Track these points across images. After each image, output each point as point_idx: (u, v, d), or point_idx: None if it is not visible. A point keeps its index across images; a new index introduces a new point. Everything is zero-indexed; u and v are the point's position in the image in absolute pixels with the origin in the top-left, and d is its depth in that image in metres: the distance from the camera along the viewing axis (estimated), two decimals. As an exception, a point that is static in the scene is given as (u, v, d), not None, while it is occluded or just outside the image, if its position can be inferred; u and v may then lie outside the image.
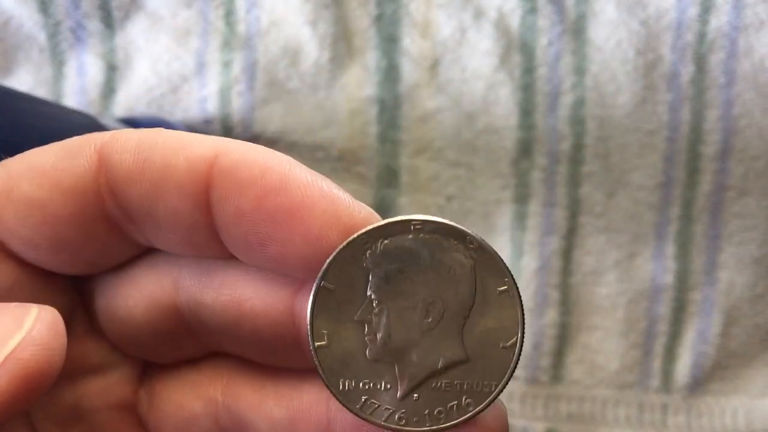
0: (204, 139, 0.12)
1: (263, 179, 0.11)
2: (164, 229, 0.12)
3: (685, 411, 0.39)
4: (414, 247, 0.11)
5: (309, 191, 0.11)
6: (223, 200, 0.11)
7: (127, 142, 0.12)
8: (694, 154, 0.38)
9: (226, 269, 0.13)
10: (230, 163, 0.11)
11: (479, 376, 0.12)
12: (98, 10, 0.39)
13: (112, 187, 0.12)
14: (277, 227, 0.11)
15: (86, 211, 0.12)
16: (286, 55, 0.38)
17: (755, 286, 0.38)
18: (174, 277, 0.13)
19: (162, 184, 0.11)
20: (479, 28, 0.38)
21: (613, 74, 0.37)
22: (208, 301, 0.13)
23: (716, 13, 0.37)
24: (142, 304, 0.13)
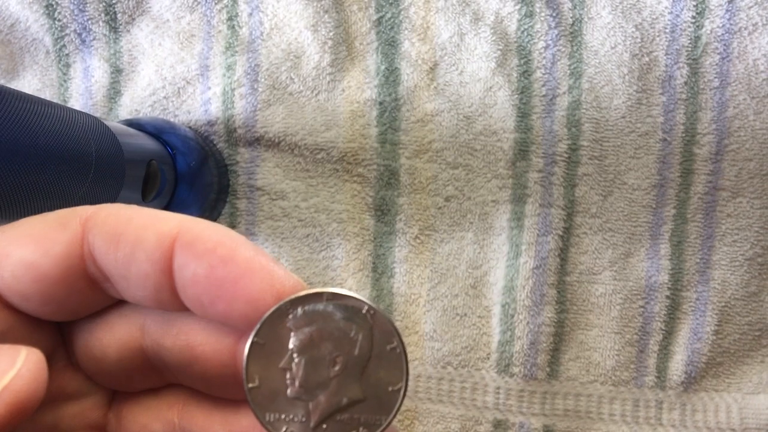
0: (169, 217, 0.14)
1: (214, 252, 0.14)
2: (134, 288, 0.15)
3: (679, 407, 0.39)
4: (326, 313, 0.15)
5: (251, 264, 0.14)
6: (183, 267, 0.14)
7: (107, 218, 0.14)
8: (688, 156, 0.38)
9: (183, 319, 0.16)
10: (190, 238, 0.14)
11: (373, 412, 0.15)
12: (103, 14, 0.39)
13: (93, 255, 0.14)
14: (224, 291, 0.14)
15: (71, 273, 0.14)
16: (288, 58, 0.38)
17: (748, 284, 0.39)
18: (141, 324, 0.16)
19: (134, 253, 0.14)
20: (477, 31, 0.38)
21: (608, 77, 0.38)
22: (168, 344, 0.16)
23: (710, 16, 0.38)
24: (114, 345, 0.16)
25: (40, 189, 0.25)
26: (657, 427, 0.39)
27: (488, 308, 0.39)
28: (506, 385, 0.39)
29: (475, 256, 0.39)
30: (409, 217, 0.39)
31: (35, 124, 0.25)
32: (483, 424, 0.39)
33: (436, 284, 0.39)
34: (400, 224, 0.39)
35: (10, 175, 0.24)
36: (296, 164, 0.38)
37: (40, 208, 0.26)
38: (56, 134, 0.26)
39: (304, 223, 0.39)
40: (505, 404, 0.39)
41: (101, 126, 0.30)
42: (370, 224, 0.39)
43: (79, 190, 0.27)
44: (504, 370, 0.39)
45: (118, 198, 0.30)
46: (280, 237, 0.39)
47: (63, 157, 0.26)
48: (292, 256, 0.39)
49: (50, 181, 0.26)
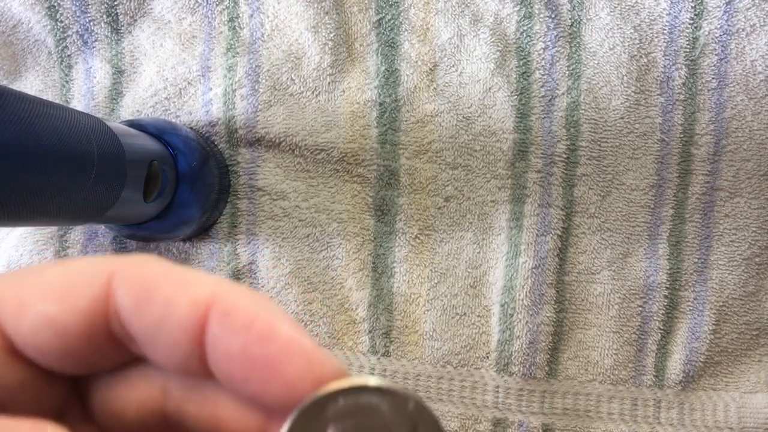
0: (203, 279, 0.14)
1: (252, 327, 0.13)
2: (161, 353, 0.14)
3: (677, 406, 0.39)
4: (369, 406, 0.14)
5: (290, 344, 0.13)
6: (217, 340, 0.13)
7: (136, 276, 0.13)
8: (687, 156, 0.38)
9: (210, 387, 0.15)
10: (225, 308, 0.13)
11: None
12: (105, 16, 0.39)
13: (117, 314, 0.13)
14: (260, 371, 0.13)
15: (94, 330, 0.14)
16: (289, 59, 0.38)
17: (746, 284, 0.39)
18: (163, 386, 0.15)
19: (163, 320, 0.13)
20: (477, 33, 0.38)
21: (607, 78, 0.38)
22: (191, 411, 0.15)
23: (708, 18, 0.38)
24: (134, 404, 0.15)
25: (42, 189, 0.26)
26: (655, 425, 0.39)
27: (487, 308, 0.39)
28: (505, 384, 0.39)
29: (474, 255, 0.39)
30: (409, 217, 0.39)
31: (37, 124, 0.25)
32: (482, 423, 0.39)
33: (435, 284, 0.39)
34: (400, 224, 0.39)
35: (13, 176, 0.24)
36: (297, 165, 0.39)
37: (43, 208, 0.26)
38: (58, 135, 0.26)
39: (304, 223, 0.39)
40: (504, 403, 0.39)
41: (103, 127, 0.30)
42: (370, 224, 0.39)
43: (81, 191, 0.28)
44: (503, 369, 0.39)
45: (120, 198, 0.30)
46: (280, 237, 0.39)
47: (65, 157, 0.26)
48: (293, 256, 0.39)
49: (52, 181, 0.26)
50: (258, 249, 0.39)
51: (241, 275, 0.39)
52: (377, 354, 0.39)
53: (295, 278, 0.39)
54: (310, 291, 0.39)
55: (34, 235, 0.40)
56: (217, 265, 0.39)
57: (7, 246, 0.40)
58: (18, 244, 0.40)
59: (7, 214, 0.24)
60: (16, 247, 0.40)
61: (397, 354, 0.39)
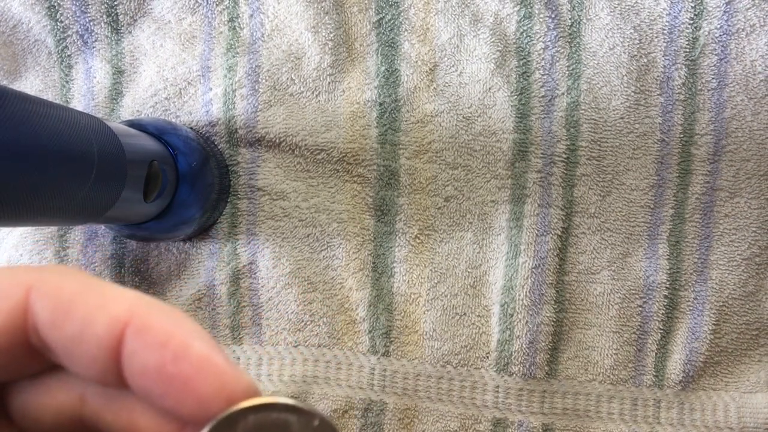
0: (121, 296, 0.14)
1: (167, 346, 0.13)
2: (79, 366, 0.14)
3: (677, 406, 0.39)
4: (277, 422, 0.14)
5: (203, 363, 0.14)
6: (132, 356, 0.14)
7: (53, 291, 0.14)
8: (686, 156, 0.38)
9: (127, 397, 0.15)
10: (141, 325, 0.14)
11: None
12: (105, 16, 0.39)
13: (35, 329, 0.14)
14: (173, 388, 0.14)
15: (13, 342, 0.14)
16: (289, 59, 0.38)
17: (746, 284, 0.39)
18: (80, 394, 0.15)
19: (82, 335, 0.14)
20: (477, 33, 0.38)
21: (607, 78, 0.38)
22: (108, 419, 0.15)
23: (708, 18, 0.38)
24: (52, 410, 0.15)
25: (42, 190, 0.26)
26: (655, 425, 0.39)
27: (487, 307, 0.39)
28: (505, 383, 0.39)
29: (474, 255, 0.39)
30: (409, 217, 0.39)
31: (37, 124, 0.25)
32: (482, 423, 0.39)
33: (435, 284, 0.39)
34: (399, 224, 0.39)
35: (13, 176, 0.24)
36: (297, 165, 0.39)
37: (43, 208, 0.26)
38: (58, 135, 0.26)
39: (304, 223, 0.39)
40: (504, 403, 0.39)
41: (103, 127, 0.30)
42: (370, 224, 0.39)
43: (81, 191, 0.28)
44: (503, 369, 0.39)
45: (120, 198, 0.30)
46: (280, 237, 0.39)
47: (65, 157, 0.26)
48: (293, 256, 0.39)
49: (52, 181, 0.26)
50: (258, 249, 0.39)
51: (241, 275, 0.39)
52: (377, 354, 0.39)
53: (295, 278, 0.39)
54: (310, 291, 0.39)
55: (34, 235, 0.40)
56: (217, 265, 0.39)
57: (7, 246, 0.40)
58: (18, 244, 0.40)
59: (7, 214, 0.24)
60: (16, 247, 0.40)
61: (397, 354, 0.39)
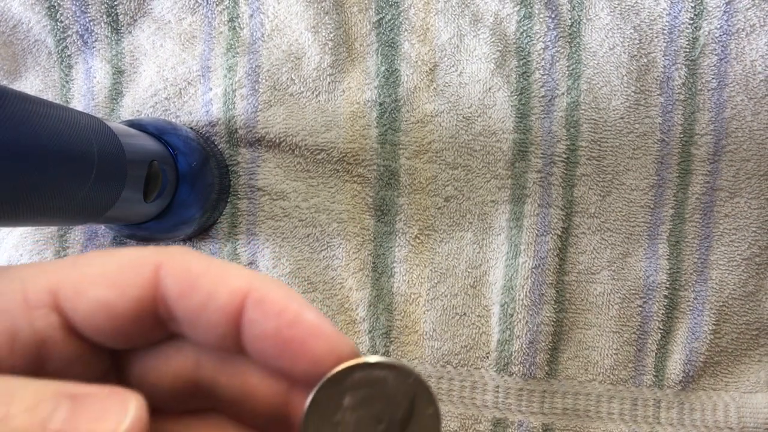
0: (240, 272, 0.16)
1: (282, 315, 0.15)
2: (201, 333, 0.16)
3: (677, 406, 0.39)
4: (378, 378, 0.16)
5: (315, 328, 0.15)
6: (252, 324, 0.15)
7: (178, 266, 0.16)
8: (686, 156, 0.38)
9: (240, 360, 0.17)
10: (260, 296, 0.15)
11: None
12: (105, 16, 0.39)
13: (164, 300, 0.16)
14: (290, 350, 0.15)
15: (142, 313, 0.16)
16: (289, 59, 0.38)
17: (746, 284, 0.39)
18: (196, 359, 0.17)
19: (205, 306, 0.15)
20: (477, 33, 0.38)
21: (607, 78, 0.38)
22: (222, 381, 0.17)
23: (708, 18, 0.38)
24: (169, 375, 0.17)
25: (42, 189, 0.26)
26: (655, 425, 0.39)
27: (487, 307, 0.39)
28: (505, 383, 0.39)
29: (474, 255, 0.39)
30: (409, 217, 0.39)
31: (37, 124, 0.25)
32: (482, 423, 0.39)
33: (435, 284, 0.39)
34: (400, 224, 0.39)
35: (13, 176, 0.24)
36: (297, 165, 0.39)
37: (43, 208, 0.26)
38: (58, 135, 0.26)
39: (304, 223, 0.39)
40: (504, 403, 0.39)
41: (103, 127, 0.30)
42: (370, 224, 0.39)
43: (81, 191, 0.28)
44: (503, 369, 0.39)
45: (120, 198, 0.30)
46: (280, 237, 0.39)
47: (65, 157, 0.26)
48: (293, 256, 0.39)
49: (52, 181, 0.26)
50: (258, 249, 0.39)
51: (241, 275, 0.39)
52: (377, 354, 0.39)
53: (295, 278, 0.39)
54: (310, 291, 0.39)
55: (34, 235, 0.40)
56: (217, 265, 0.39)
57: (7, 246, 0.40)
58: (18, 244, 0.40)
59: (7, 214, 0.24)
60: (16, 247, 0.40)
61: (397, 354, 0.39)
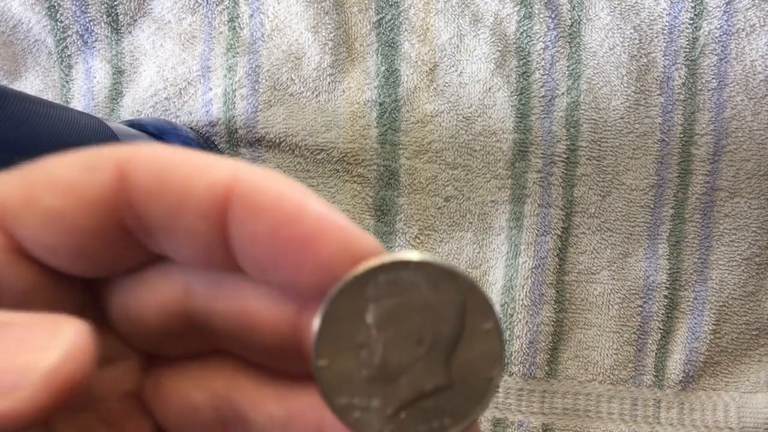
0: (222, 163, 0.12)
1: (279, 208, 0.12)
2: (181, 245, 0.13)
3: (677, 406, 0.39)
4: (411, 284, 0.12)
5: (322, 223, 0.12)
6: (240, 224, 0.12)
7: (147, 160, 0.12)
8: (686, 156, 0.38)
9: (237, 281, 0.13)
10: (248, 188, 0.12)
11: (460, 401, 0.13)
12: (105, 16, 0.39)
13: (131, 204, 0.12)
14: (291, 254, 0.12)
15: (105, 223, 0.12)
16: (289, 59, 0.38)
17: (746, 284, 0.39)
18: (185, 284, 0.13)
19: (181, 205, 0.12)
20: (476, 33, 0.38)
21: (607, 78, 0.38)
22: (217, 309, 0.13)
23: (708, 18, 0.38)
24: (154, 306, 0.14)
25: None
26: (655, 425, 0.39)
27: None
28: (505, 383, 0.39)
29: (474, 255, 0.39)
30: (409, 217, 0.39)
31: (37, 124, 0.25)
32: (482, 423, 0.39)
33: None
34: (400, 224, 0.39)
35: (14, 176, 0.24)
36: (297, 165, 0.39)
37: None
38: (58, 135, 0.26)
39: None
40: (504, 403, 0.39)
41: (103, 127, 0.30)
42: (370, 224, 0.39)
43: (81, 191, 0.28)
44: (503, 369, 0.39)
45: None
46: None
47: (66, 157, 0.26)
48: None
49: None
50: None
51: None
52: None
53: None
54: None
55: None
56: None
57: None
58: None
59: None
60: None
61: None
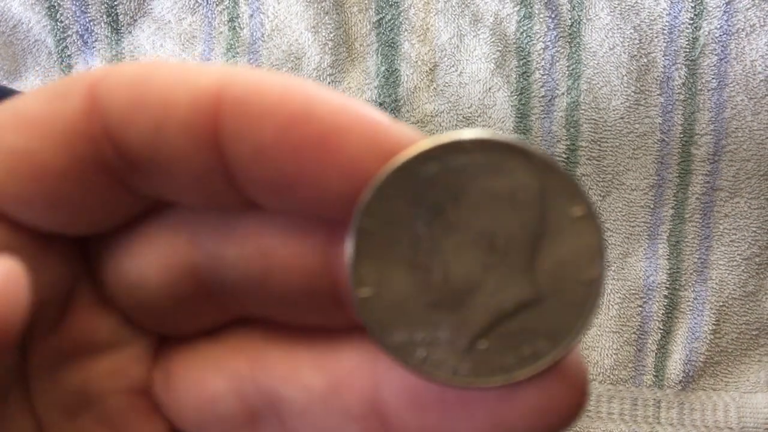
0: (210, 68, 0.10)
1: (283, 107, 0.09)
2: (171, 176, 0.10)
3: (677, 406, 0.39)
4: (468, 171, 0.09)
5: (339, 115, 0.09)
6: (237, 137, 0.10)
7: (121, 77, 0.10)
8: (686, 156, 0.38)
9: (249, 219, 0.11)
10: (241, 92, 0.09)
11: (556, 316, 0.10)
12: (105, 16, 0.39)
13: (107, 131, 0.10)
14: (306, 162, 0.09)
15: (80, 160, 0.10)
16: (289, 59, 0.38)
17: (746, 284, 0.39)
18: (190, 232, 0.11)
19: (162, 122, 0.10)
20: (476, 33, 0.38)
21: (607, 78, 0.38)
22: (230, 256, 0.11)
23: (708, 18, 0.38)
24: (156, 264, 0.11)
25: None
26: (655, 425, 0.39)
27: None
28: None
29: (474, 255, 0.39)
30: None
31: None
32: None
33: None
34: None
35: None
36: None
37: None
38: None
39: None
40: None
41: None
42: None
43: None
44: (503, 369, 0.39)
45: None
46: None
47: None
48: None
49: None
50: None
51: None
52: None
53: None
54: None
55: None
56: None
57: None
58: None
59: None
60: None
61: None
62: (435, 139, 0.09)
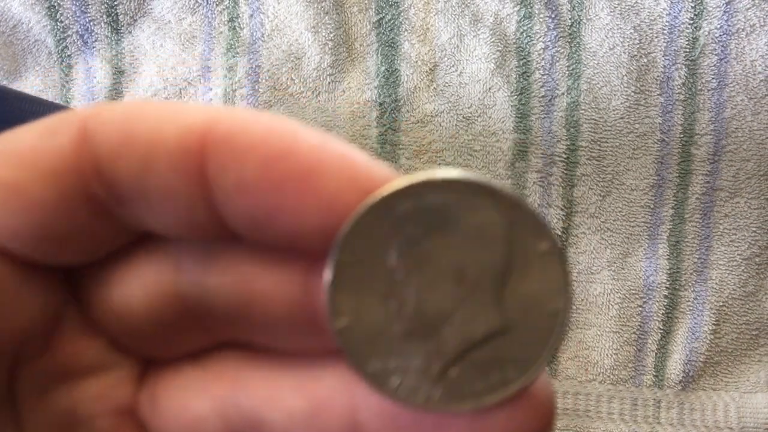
0: (197, 108, 0.10)
1: (266, 145, 0.10)
2: (157, 210, 0.11)
3: (677, 406, 0.39)
4: (440, 208, 0.10)
5: (320, 153, 0.10)
6: (222, 172, 0.10)
7: (112, 115, 0.10)
8: (686, 156, 0.38)
9: (231, 249, 0.11)
10: (227, 129, 0.10)
11: (523, 345, 0.10)
12: (105, 16, 0.39)
13: (96, 166, 0.10)
14: (286, 197, 0.10)
15: (69, 194, 0.11)
16: (289, 59, 0.38)
17: (746, 284, 0.39)
18: (174, 261, 0.12)
19: (150, 158, 0.10)
20: (476, 33, 0.38)
21: (607, 78, 0.38)
22: (213, 284, 0.11)
23: (708, 18, 0.38)
24: (141, 292, 0.12)
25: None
26: (655, 425, 0.39)
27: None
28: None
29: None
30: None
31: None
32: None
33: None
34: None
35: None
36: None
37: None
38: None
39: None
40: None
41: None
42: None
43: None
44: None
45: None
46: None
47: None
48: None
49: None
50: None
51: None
52: None
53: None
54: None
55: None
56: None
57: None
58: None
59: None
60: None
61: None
62: (410, 178, 0.10)
